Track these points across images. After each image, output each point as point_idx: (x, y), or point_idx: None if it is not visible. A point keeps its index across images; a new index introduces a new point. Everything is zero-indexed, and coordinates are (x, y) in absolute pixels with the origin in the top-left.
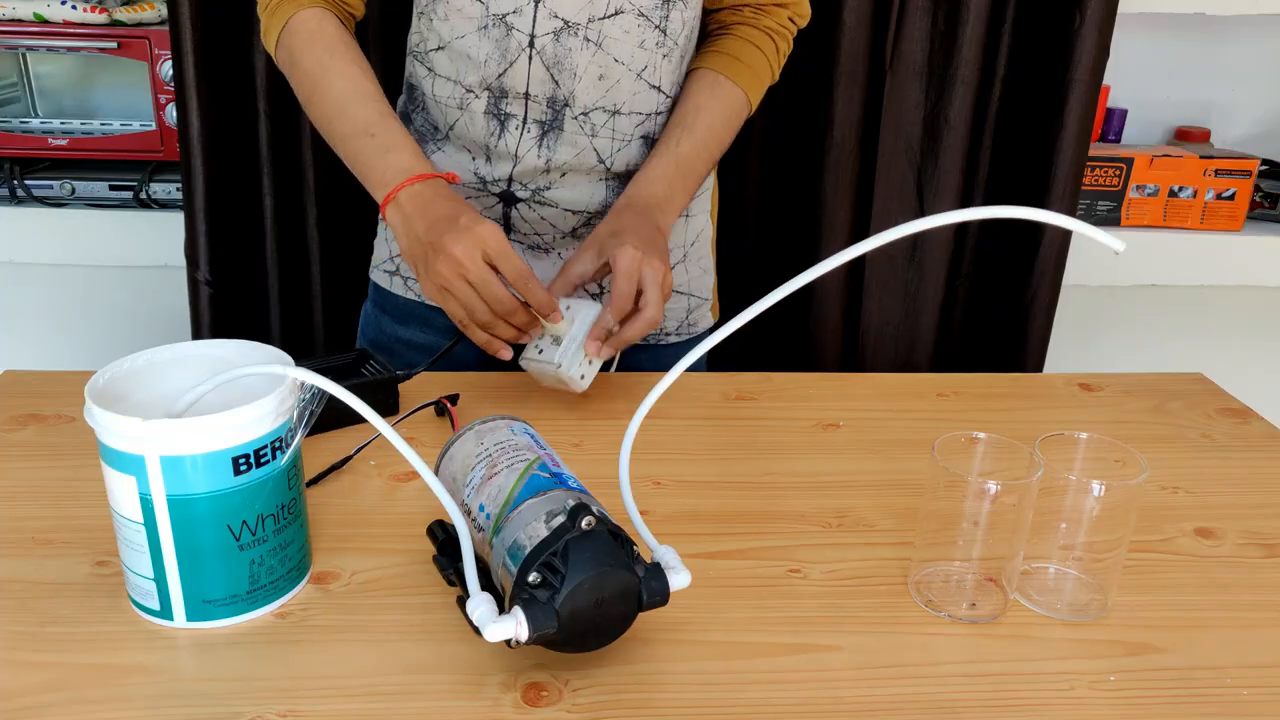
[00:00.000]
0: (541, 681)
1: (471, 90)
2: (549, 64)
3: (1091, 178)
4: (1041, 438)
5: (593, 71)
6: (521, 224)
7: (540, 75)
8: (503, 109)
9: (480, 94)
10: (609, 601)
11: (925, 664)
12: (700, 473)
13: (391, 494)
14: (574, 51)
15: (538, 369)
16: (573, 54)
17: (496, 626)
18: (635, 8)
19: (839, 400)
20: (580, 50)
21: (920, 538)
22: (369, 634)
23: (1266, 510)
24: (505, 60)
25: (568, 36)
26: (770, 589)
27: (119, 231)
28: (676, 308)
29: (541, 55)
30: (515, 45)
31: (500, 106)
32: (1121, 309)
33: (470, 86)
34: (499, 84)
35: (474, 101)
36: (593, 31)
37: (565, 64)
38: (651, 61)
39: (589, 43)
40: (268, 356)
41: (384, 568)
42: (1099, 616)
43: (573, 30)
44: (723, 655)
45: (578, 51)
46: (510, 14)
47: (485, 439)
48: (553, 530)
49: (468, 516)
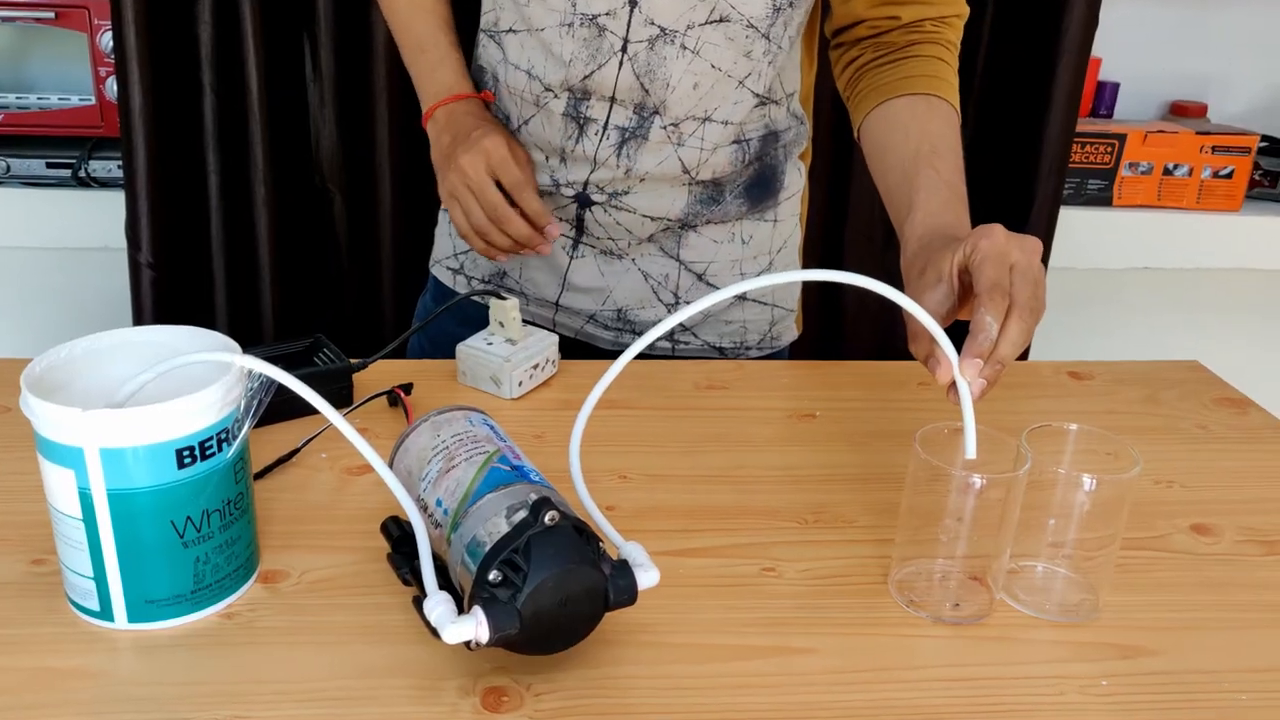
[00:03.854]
0: (502, 686)
1: (551, 89)
2: (640, 72)
3: (1081, 155)
4: (1029, 429)
5: (687, 81)
6: (596, 228)
7: (629, 82)
8: (583, 112)
9: (560, 94)
10: (574, 601)
11: (906, 668)
12: (669, 466)
13: (344, 488)
14: (669, 60)
15: (478, 358)
16: (667, 63)
17: (455, 628)
18: (744, 18)
19: (815, 389)
20: (676, 59)
21: (901, 534)
22: (320, 636)
23: (1265, 505)
24: (594, 62)
25: (663, 44)
26: (743, 588)
27: (57, 211)
28: (759, 319)
29: (634, 62)
30: (607, 48)
31: (580, 110)
32: (1113, 293)
33: (550, 85)
34: (583, 86)
35: (552, 101)
36: (690, 39)
37: (658, 73)
38: (756, 69)
39: (685, 50)
40: (213, 343)
41: (336, 566)
42: (1090, 617)
43: (669, 38)
44: (693, 658)
45: (673, 60)
46: (603, 15)
47: (442, 430)
48: (514, 526)
49: (424, 512)
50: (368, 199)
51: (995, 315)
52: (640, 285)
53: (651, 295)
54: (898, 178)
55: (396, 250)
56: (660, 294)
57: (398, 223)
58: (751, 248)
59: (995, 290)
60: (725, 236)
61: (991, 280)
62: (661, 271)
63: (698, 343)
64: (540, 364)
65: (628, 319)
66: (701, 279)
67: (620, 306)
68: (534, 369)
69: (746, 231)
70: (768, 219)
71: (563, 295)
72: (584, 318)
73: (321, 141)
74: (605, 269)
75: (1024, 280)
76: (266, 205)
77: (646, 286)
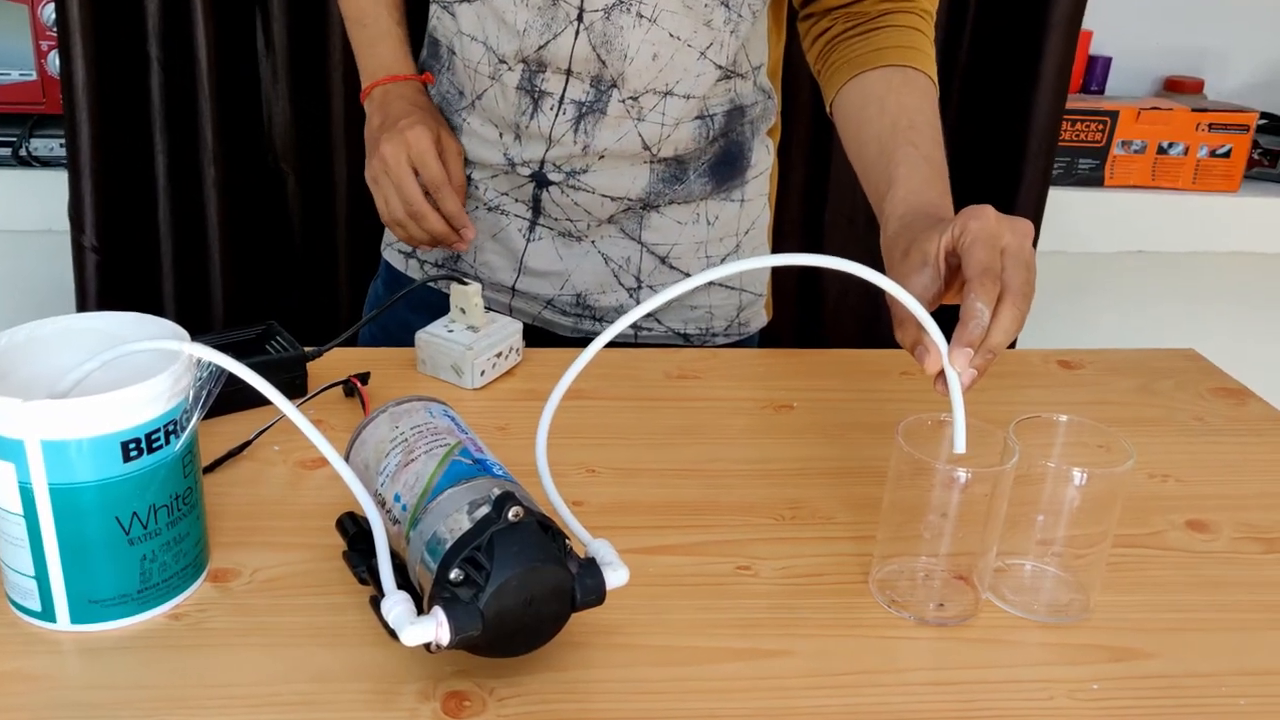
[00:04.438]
0: (464, 690)
1: (505, 61)
2: (596, 43)
3: (1071, 133)
4: (1017, 420)
5: (646, 52)
6: (553, 208)
7: (585, 53)
8: (538, 85)
9: (515, 66)
10: (539, 601)
11: (888, 671)
12: (638, 459)
13: (297, 483)
14: (626, 30)
15: (438, 346)
16: (624, 32)
17: (414, 629)
18: None
19: (792, 379)
20: (633, 28)
21: (882, 531)
22: (272, 638)
23: (1265, 501)
24: (549, 32)
25: (620, 13)
26: (716, 588)
27: None
28: (726, 305)
29: (589, 32)
30: (562, 17)
31: (535, 83)
32: (1105, 278)
33: (504, 56)
34: (537, 57)
35: (506, 73)
36: (647, 7)
37: (615, 44)
38: (718, 39)
39: (643, 19)
40: (161, 330)
41: (289, 564)
42: (1080, 618)
43: (626, 6)
44: (664, 661)
45: (630, 29)
46: None
47: (400, 422)
48: (476, 522)
49: (382, 508)
50: (323, 179)
51: (987, 301)
52: (600, 269)
53: (612, 279)
54: (874, 154)
55: (352, 233)
56: (621, 278)
57: (354, 204)
58: (717, 229)
59: (987, 275)
60: (689, 217)
61: (983, 264)
62: (622, 254)
63: (661, 329)
64: (504, 352)
65: (587, 304)
66: (664, 262)
67: (579, 291)
68: (497, 357)
69: (712, 212)
70: (734, 199)
71: (519, 280)
72: (541, 303)
73: (274, 119)
74: (563, 252)
75: (1016, 264)
76: (216, 186)
77: (607, 270)
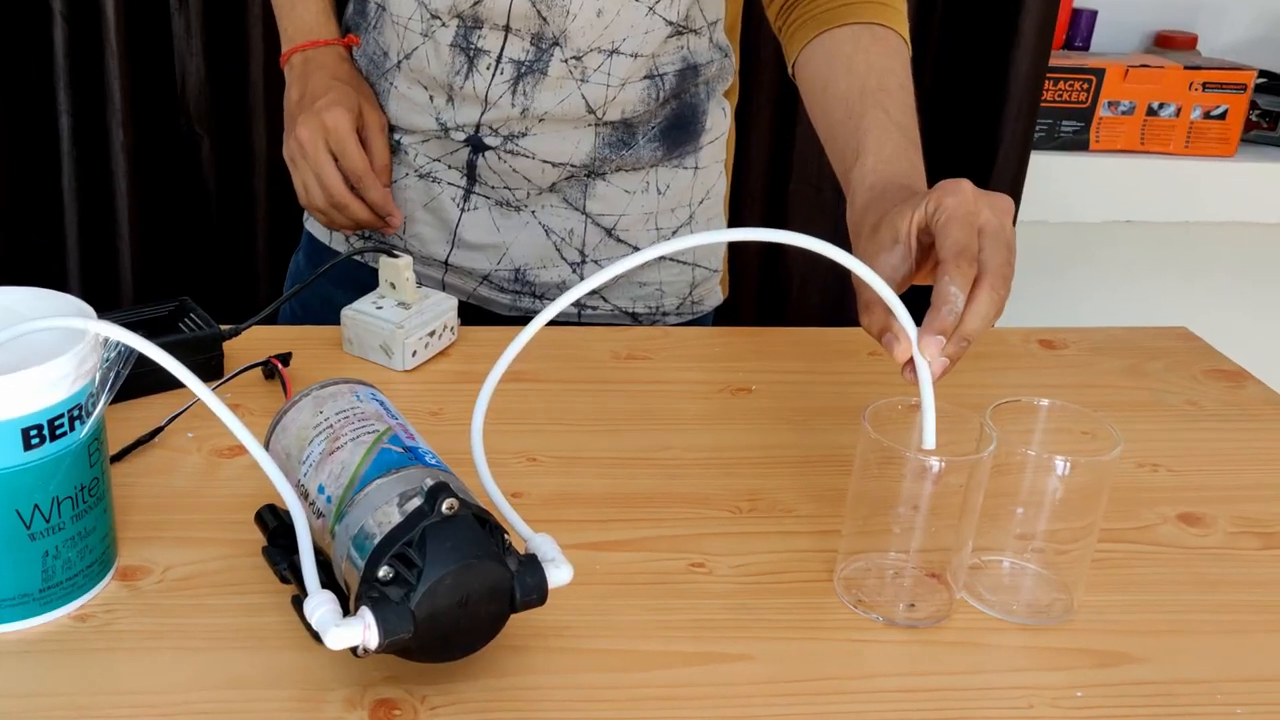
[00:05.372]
0: (393, 698)
1: (438, 16)
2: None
3: (1054, 92)
4: (994, 405)
5: (590, 6)
6: (490, 176)
7: (524, 9)
8: (474, 43)
9: (449, 21)
10: (475, 601)
11: (854, 677)
12: (584, 447)
13: (213, 473)
14: None
15: (366, 324)
16: None
17: (339, 631)
18: None
19: (751, 360)
20: None
21: (848, 525)
22: (185, 641)
23: (1263, 492)
24: None
25: None
26: (668, 587)
27: None
28: (678, 281)
29: None
30: None
31: (471, 40)
32: (1090, 250)
33: (437, 11)
34: (473, 12)
35: (439, 30)
36: None
37: None
38: None
39: None
40: (65, 307)
41: (204, 561)
42: (1063, 620)
43: None
44: (611, 666)
45: None
46: None
47: (325, 407)
48: (407, 515)
49: (305, 499)
50: (240, 144)
51: (962, 285)
52: (541, 241)
53: (554, 253)
54: (841, 117)
55: (273, 202)
56: (564, 251)
57: (274, 171)
58: (668, 198)
59: (962, 256)
60: (638, 186)
61: (958, 244)
62: (565, 226)
63: (607, 308)
64: (437, 331)
65: (527, 280)
66: (611, 234)
67: (518, 266)
68: (430, 336)
69: (663, 180)
70: (687, 166)
71: (453, 253)
72: (477, 279)
73: (188, 78)
74: (501, 223)
75: (995, 245)
76: (125, 150)
77: (548, 243)
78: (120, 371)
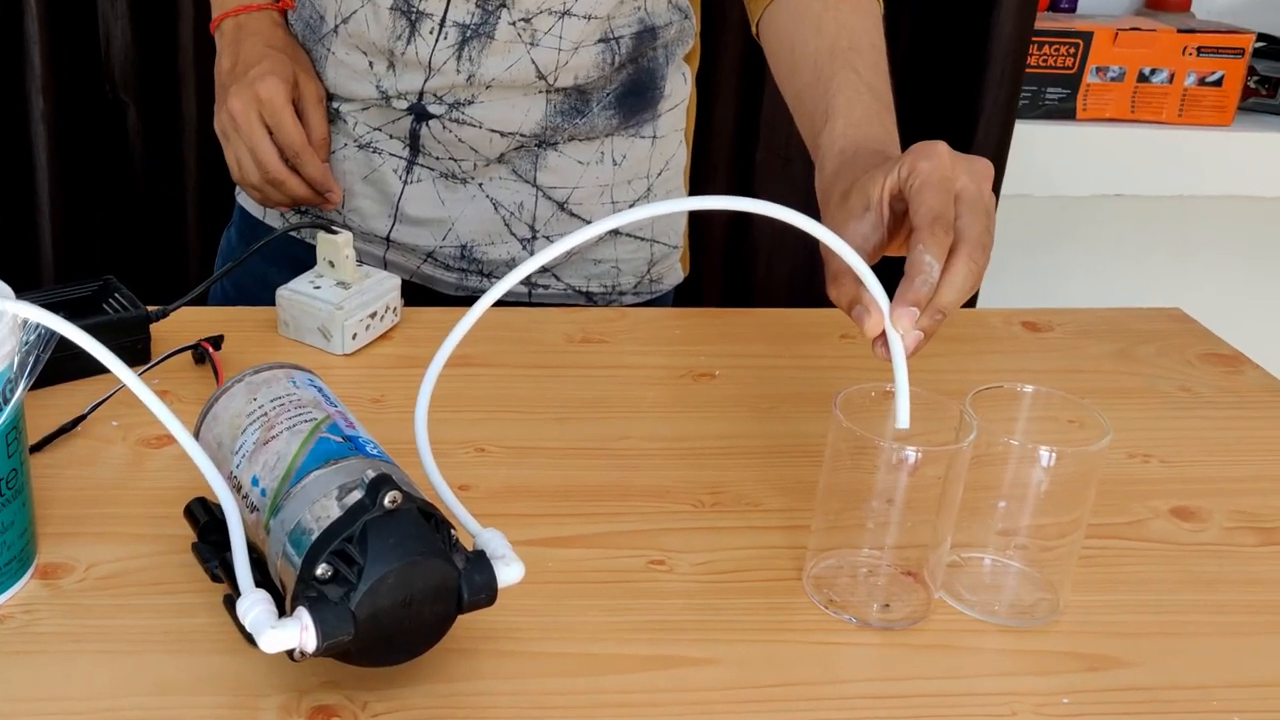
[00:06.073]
0: (332, 704)
1: None
2: None
3: (1039, 57)
4: (975, 391)
5: None
6: (434, 146)
7: None
8: (415, 5)
9: None
10: (420, 601)
11: (824, 682)
12: (535, 436)
13: (139, 464)
14: None
15: (303, 306)
16: None
17: (275, 633)
18: None
19: (714, 343)
20: None
21: (818, 520)
22: (110, 643)
23: (1262, 485)
24: None
25: None
26: (626, 586)
27: None
28: (635, 258)
29: None
30: None
31: (412, 2)
32: (1077, 226)
33: None
34: None
35: None
36: None
37: None
38: None
39: None
40: None
41: (130, 558)
42: (1048, 621)
43: None
44: (564, 671)
45: None
46: None
47: (259, 393)
48: (347, 509)
49: (237, 492)
50: (169, 113)
51: (937, 254)
52: (489, 216)
53: (502, 228)
54: (809, 80)
55: (203, 174)
56: (513, 226)
57: (204, 141)
58: (625, 170)
59: (937, 223)
60: (592, 156)
61: (933, 211)
62: (514, 199)
63: (559, 286)
64: (379, 312)
65: (474, 257)
66: (563, 208)
67: (465, 242)
68: (371, 318)
69: (619, 150)
70: (645, 135)
71: (395, 229)
72: (421, 256)
73: (113, 42)
74: (446, 196)
75: (973, 212)
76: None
77: (496, 217)
78: (40, 356)
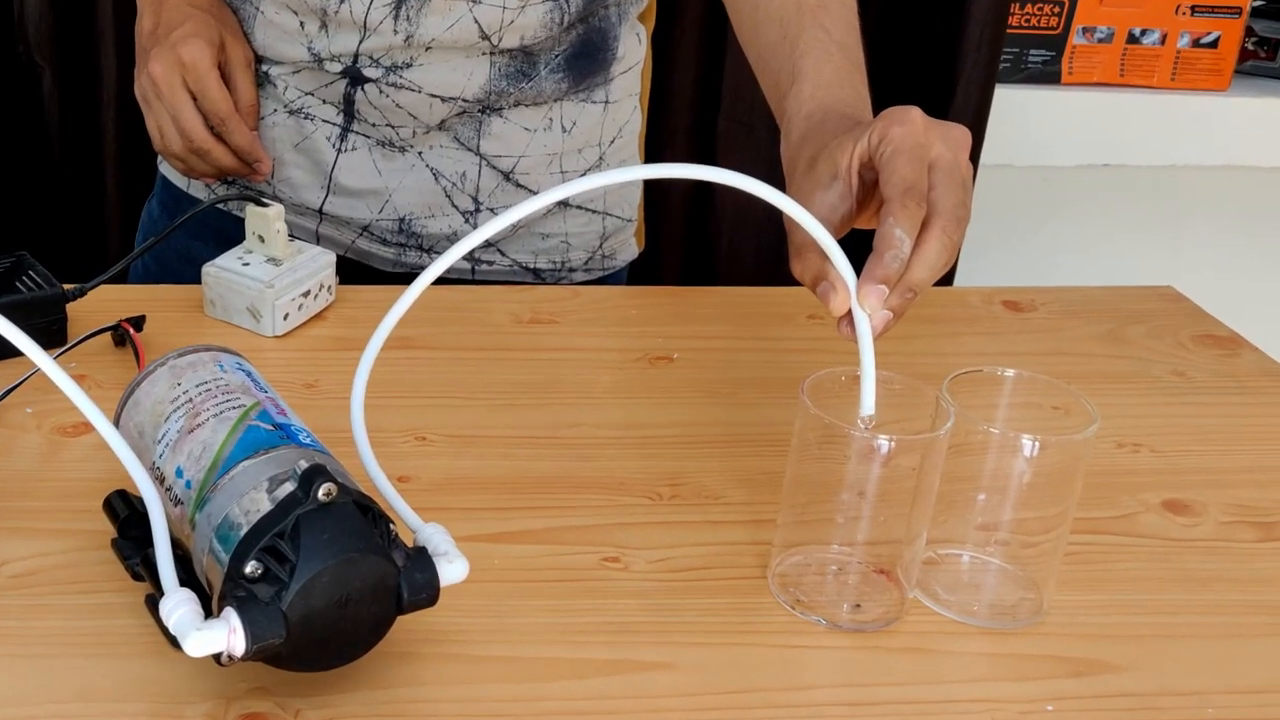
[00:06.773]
0: (262, 712)
1: None
2: None
3: (1021, 16)
4: (952, 376)
5: None
6: (370, 112)
7: None
8: None
9: None
10: (356, 601)
11: (791, 688)
12: (480, 424)
13: (55, 453)
14: None
15: (230, 284)
16: None
17: (201, 636)
18: None
19: (672, 324)
20: None
21: (784, 514)
22: (24, 647)
23: (1260, 476)
24: None
25: None
26: (577, 585)
27: None
28: (586, 232)
29: None
30: None
31: None
32: (1062, 198)
33: None
34: None
35: None
36: None
37: None
38: None
39: None
40: None
41: (44, 555)
42: (1031, 622)
43: None
44: (512, 676)
45: None
46: None
47: (183, 378)
48: (278, 503)
49: (160, 484)
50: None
51: (908, 227)
52: (429, 187)
53: (443, 199)
54: (774, 39)
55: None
56: (455, 198)
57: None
58: (575, 137)
59: (910, 194)
60: (540, 123)
61: (906, 181)
62: (456, 169)
63: (505, 262)
64: (312, 290)
65: (413, 231)
66: (509, 178)
67: (403, 215)
68: (304, 297)
69: (568, 116)
70: (596, 100)
71: (328, 200)
72: (356, 230)
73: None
74: (383, 166)
75: (948, 182)
76: None
77: (437, 188)
78: None
